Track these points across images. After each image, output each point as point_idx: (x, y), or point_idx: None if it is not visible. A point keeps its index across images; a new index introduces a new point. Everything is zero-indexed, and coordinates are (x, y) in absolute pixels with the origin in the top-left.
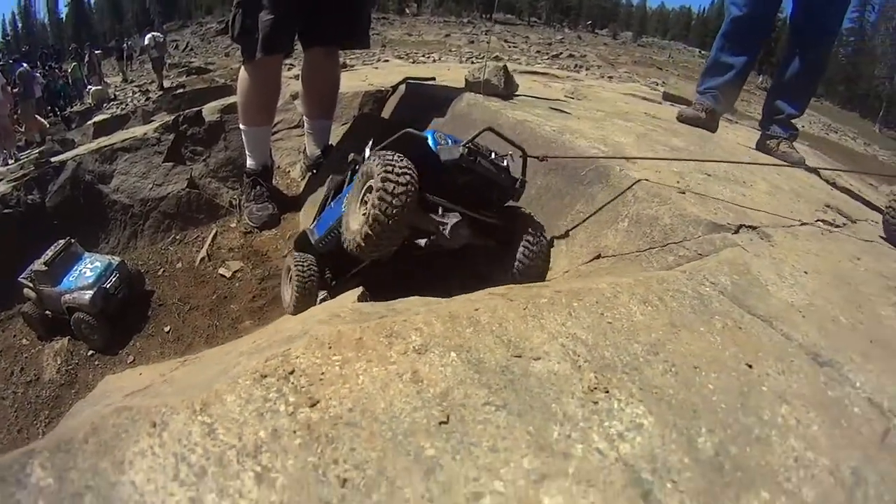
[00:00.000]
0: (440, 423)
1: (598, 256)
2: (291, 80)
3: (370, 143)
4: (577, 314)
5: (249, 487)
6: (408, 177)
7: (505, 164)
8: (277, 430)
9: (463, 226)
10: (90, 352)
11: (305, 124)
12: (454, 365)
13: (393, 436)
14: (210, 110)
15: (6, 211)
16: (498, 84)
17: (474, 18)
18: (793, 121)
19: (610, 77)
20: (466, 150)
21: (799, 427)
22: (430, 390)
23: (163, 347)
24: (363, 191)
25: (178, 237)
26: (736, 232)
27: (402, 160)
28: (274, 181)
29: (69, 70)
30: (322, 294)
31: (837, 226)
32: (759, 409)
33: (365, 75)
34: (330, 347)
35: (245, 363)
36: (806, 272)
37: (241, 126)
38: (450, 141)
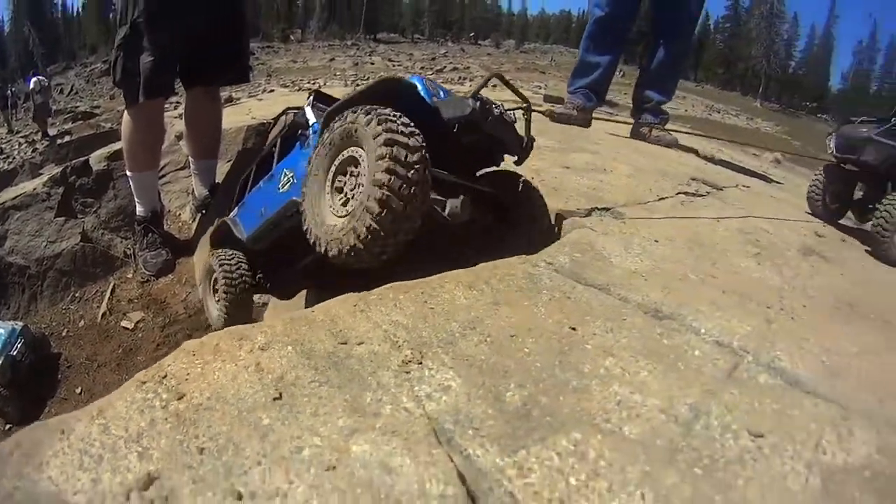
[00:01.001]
0: (274, 399)
1: None
2: (176, 119)
3: (310, 98)
4: (402, 304)
5: (133, 463)
6: (419, 138)
7: (514, 118)
8: (154, 419)
9: (466, 203)
10: (7, 426)
11: (191, 165)
12: (289, 355)
13: (238, 413)
14: (97, 159)
15: None
16: None
17: (358, 40)
18: (662, 106)
19: (494, 86)
20: (478, 103)
21: (625, 375)
22: (268, 376)
23: (77, 409)
24: (338, 164)
25: (77, 294)
26: (588, 215)
27: (401, 116)
28: (165, 225)
29: None
30: (261, 299)
31: (701, 195)
32: (578, 364)
33: (248, 108)
34: (194, 354)
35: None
36: (657, 241)
37: (128, 172)
38: (442, 92)
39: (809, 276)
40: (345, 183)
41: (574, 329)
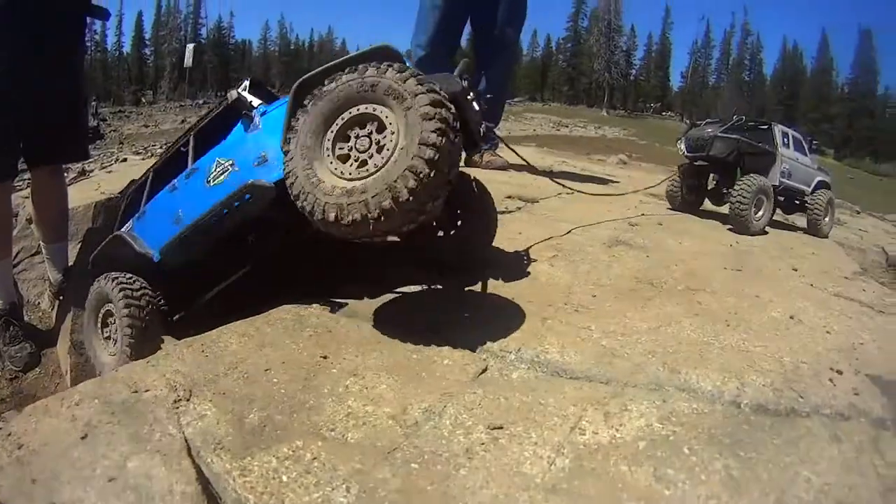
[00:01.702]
0: (82, 437)
1: None
2: (26, 199)
3: (244, 84)
4: (184, 356)
5: None
6: (442, 96)
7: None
8: (2, 465)
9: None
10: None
11: (43, 250)
12: (95, 406)
13: (58, 451)
14: None
15: None
16: None
17: (209, 99)
18: (493, 132)
19: None
20: (465, 82)
21: (363, 391)
22: (79, 423)
23: None
24: (339, 127)
25: None
26: None
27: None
28: (26, 316)
29: None
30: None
31: (510, 211)
32: (320, 387)
33: (98, 183)
34: (30, 415)
35: None
36: None
37: None
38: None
39: (608, 266)
40: (352, 146)
41: (325, 357)
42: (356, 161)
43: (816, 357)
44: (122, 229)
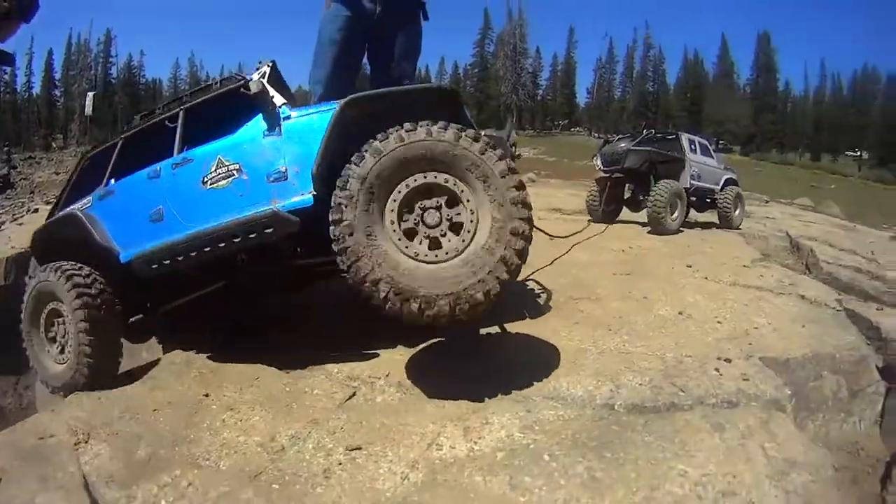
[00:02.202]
0: None
1: None
2: None
3: (264, 70)
4: (83, 404)
5: None
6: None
7: None
8: None
9: None
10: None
11: None
12: (7, 452)
13: None
14: None
15: None
16: None
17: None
18: None
19: None
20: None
21: (237, 423)
22: None
23: None
24: (405, 196)
25: None
26: None
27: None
28: None
29: None
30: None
31: None
32: (200, 423)
33: (9, 236)
34: None
35: None
36: (328, 300)
37: None
38: None
39: None
40: (418, 219)
41: (207, 395)
42: (426, 238)
43: (704, 349)
44: (77, 205)
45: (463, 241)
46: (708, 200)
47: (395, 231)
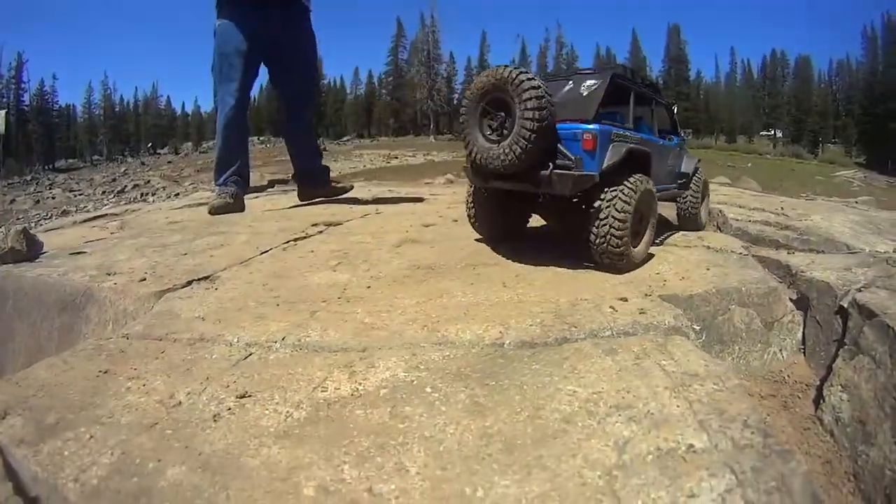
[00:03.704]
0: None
1: None
2: None
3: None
4: (2, 388)
5: None
6: None
7: None
8: None
9: None
10: None
11: None
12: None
13: None
14: None
15: None
16: (21, 248)
17: (37, 173)
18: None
19: (177, 194)
20: None
21: (140, 388)
22: None
23: None
24: None
25: None
26: (186, 286)
27: None
28: None
29: None
30: None
31: (311, 235)
32: (106, 391)
33: None
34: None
35: None
36: (236, 285)
37: None
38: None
39: (388, 262)
40: None
41: (106, 372)
42: None
43: (600, 293)
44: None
45: None
46: None
47: None
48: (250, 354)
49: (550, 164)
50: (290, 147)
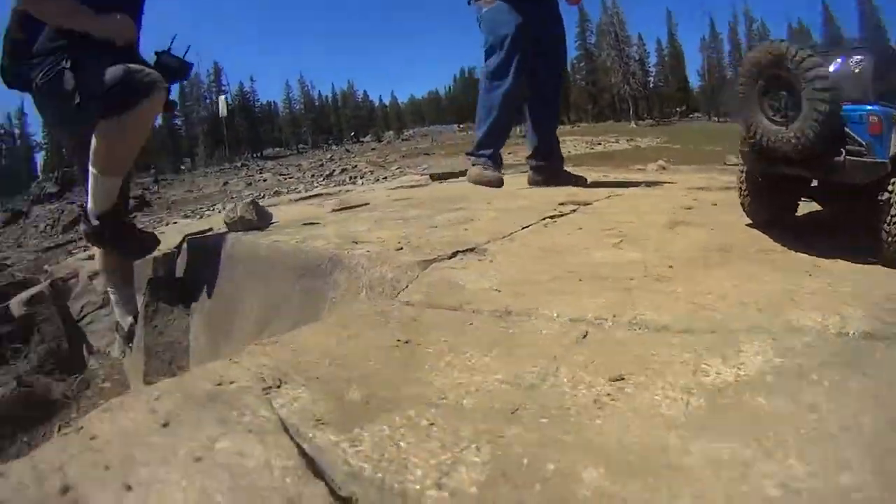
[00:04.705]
0: (162, 425)
1: None
2: (86, 261)
3: None
4: (269, 352)
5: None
6: None
7: None
8: (73, 455)
9: None
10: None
11: (112, 297)
12: (175, 398)
13: (137, 439)
14: (16, 305)
15: None
16: (252, 218)
17: (246, 160)
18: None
19: (384, 178)
20: None
21: (467, 363)
22: (159, 415)
23: None
24: None
25: (24, 440)
26: (451, 258)
27: None
28: (96, 363)
29: None
30: None
31: (566, 214)
32: (421, 365)
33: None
34: (104, 410)
35: None
36: (513, 261)
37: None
38: None
39: (672, 241)
40: None
41: (417, 343)
42: None
43: None
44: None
45: None
46: None
47: None
48: (587, 333)
49: (842, 149)
50: (535, 131)
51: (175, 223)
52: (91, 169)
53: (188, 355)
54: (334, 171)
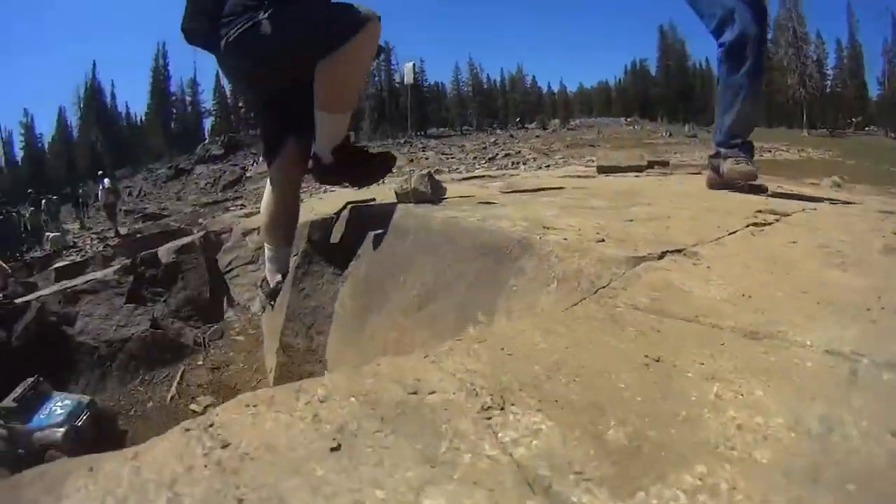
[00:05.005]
0: (331, 449)
1: None
2: (242, 218)
3: None
4: (477, 353)
5: None
6: None
7: None
8: (192, 466)
9: None
10: None
11: (267, 253)
12: (351, 406)
13: (288, 463)
14: (165, 252)
15: None
16: (426, 191)
17: (410, 138)
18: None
19: (547, 166)
20: None
21: (738, 398)
22: (326, 427)
23: None
24: None
25: (146, 377)
26: (660, 258)
27: None
28: (234, 317)
29: (27, 216)
30: None
31: (769, 223)
32: (683, 394)
33: (311, 206)
34: (246, 405)
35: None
36: (735, 270)
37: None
38: None
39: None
40: None
41: (658, 361)
42: None
43: None
44: None
45: None
46: None
47: None
48: (855, 371)
49: None
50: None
51: (333, 191)
52: (319, 112)
53: (330, 322)
54: (497, 154)
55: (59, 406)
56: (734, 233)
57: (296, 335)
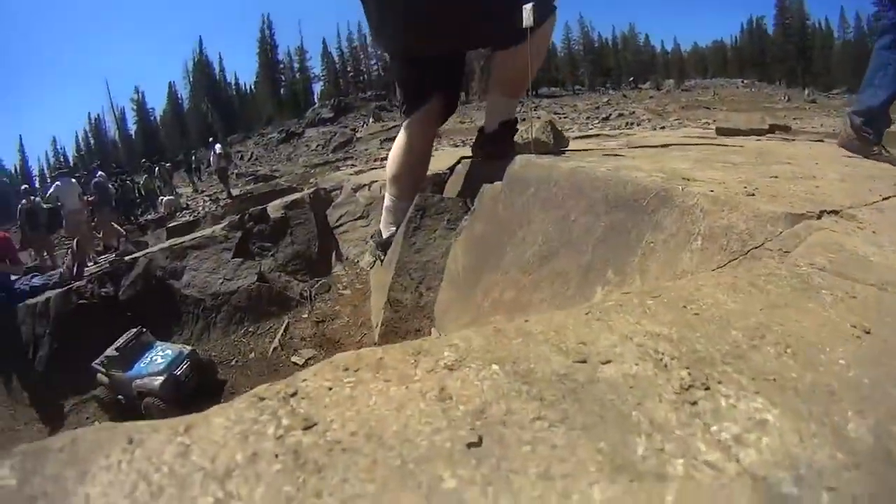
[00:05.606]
0: (468, 445)
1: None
2: (352, 175)
3: None
4: (654, 311)
5: None
6: None
7: None
8: (257, 453)
9: None
10: None
11: (388, 205)
12: (495, 379)
13: (401, 464)
14: (274, 208)
15: (81, 302)
16: (548, 140)
17: (521, 98)
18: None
19: (662, 127)
20: None
21: None
22: (459, 408)
23: None
24: None
25: (250, 329)
26: (819, 218)
27: None
28: (343, 271)
29: (141, 182)
30: None
31: None
32: None
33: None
34: (345, 369)
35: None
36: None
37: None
38: None
39: None
40: None
41: (881, 334)
42: None
43: None
44: None
45: None
46: None
47: None
48: None
49: None
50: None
51: (443, 149)
52: (496, 98)
53: (441, 278)
54: (611, 114)
55: (159, 355)
56: (888, 198)
57: (405, 290)
